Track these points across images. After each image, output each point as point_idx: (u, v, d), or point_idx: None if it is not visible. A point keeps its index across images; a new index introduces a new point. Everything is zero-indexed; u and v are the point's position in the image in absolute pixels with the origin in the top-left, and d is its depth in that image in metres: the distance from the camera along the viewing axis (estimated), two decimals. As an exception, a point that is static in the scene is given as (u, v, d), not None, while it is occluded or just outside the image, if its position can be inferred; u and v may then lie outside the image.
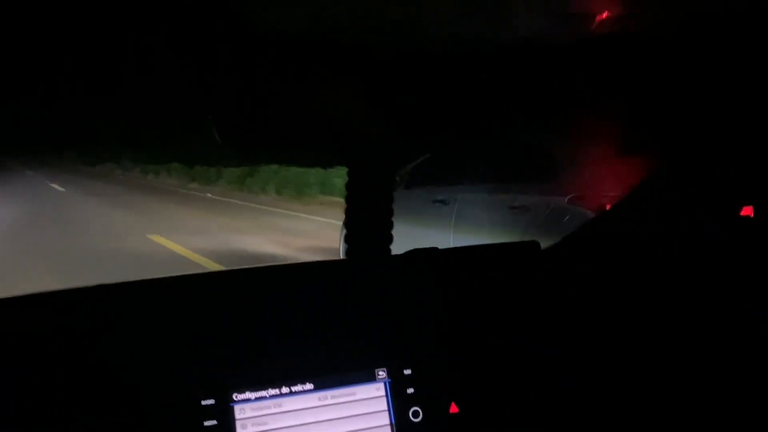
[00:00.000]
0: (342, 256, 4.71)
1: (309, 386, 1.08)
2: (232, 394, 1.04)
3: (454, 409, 1.13)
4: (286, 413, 1.05)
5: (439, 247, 1.35)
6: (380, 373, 1.12)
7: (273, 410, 1.05)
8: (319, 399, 1.08)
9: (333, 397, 1.08)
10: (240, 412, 1.03)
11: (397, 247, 1.29)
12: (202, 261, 7.01)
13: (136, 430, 0.98)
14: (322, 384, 1.08)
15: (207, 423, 1.01)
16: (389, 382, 1.11)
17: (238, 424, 1.02)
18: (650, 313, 1.22)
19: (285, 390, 1.06)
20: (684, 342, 1.18)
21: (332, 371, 1.09)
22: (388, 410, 1.10)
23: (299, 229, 9.48)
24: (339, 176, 11.19)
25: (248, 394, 1.05)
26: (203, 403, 1.02)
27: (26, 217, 11.18)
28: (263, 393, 1.05)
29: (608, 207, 3.37)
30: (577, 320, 1.24)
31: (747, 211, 1.09)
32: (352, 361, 1.11)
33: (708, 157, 1.21)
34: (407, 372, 1.12)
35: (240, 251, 7.68)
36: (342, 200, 1.14)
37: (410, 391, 1.11)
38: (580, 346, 1.22)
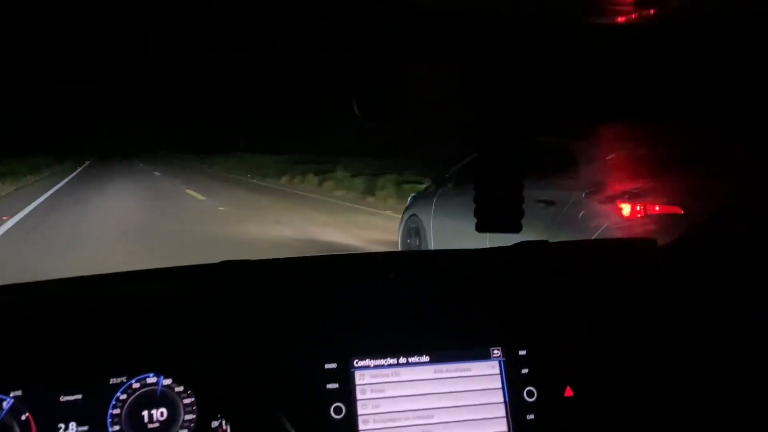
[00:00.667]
0: (400, 247, 4.86)
1: (425, 358, 1.11)
2: (353, 360, 1.09)
3: (569, 392, 1.12)
4: (402, 382, 1.09)
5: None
6: (495, 351, 1.13)
7: (391, 378, 1.09)
8: (435, 371, 1.11)
9: (448, 370, 1.11)
10: (360, 377, 1.08)
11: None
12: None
13: (268, 386, 1.05)
14: (437, 357, 1.11)
15: (329, 386, 1.07)
16: (504, 361, 1.12)
17: (357, 388, 1.07)
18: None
19: (402, 360, 1.10)
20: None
21: (448, 346, 1.12)
22: (503, 388, 1.11)
23: (371, 223, 10.37)
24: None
25: (368, 362, 1.09)
26: (326, 366, 1.07)
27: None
28: (382, 361, 1.10)
29: (619, 203, 3.25)
30: (689, 316, 1.21)
31: None
32: (467, 338, 1.13)
33: None
34: (522, 353, 1.13)
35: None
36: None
37: (525, 371, 1.12)
38: (690, 341, 1.19)
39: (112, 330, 1.07)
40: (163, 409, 1.04)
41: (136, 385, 1.04)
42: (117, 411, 1.02)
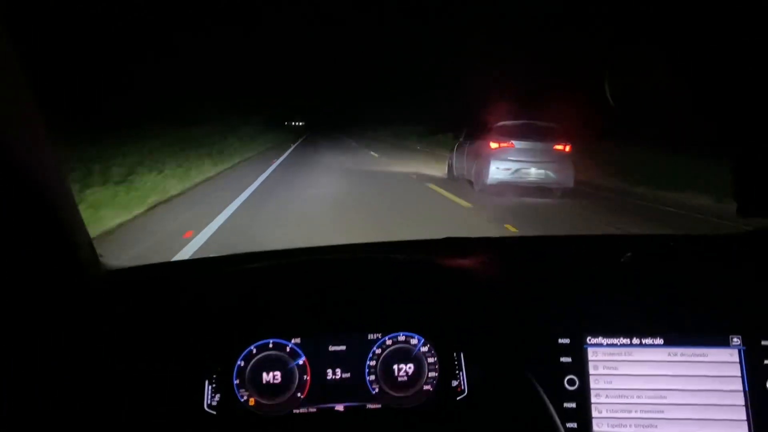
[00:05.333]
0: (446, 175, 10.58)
1: (659, 341, 1.13)
2: (586, 337, 1.14)
3: None
4: (635, 362, 1.12)
5: None
6: (734, 339, 1.11)
7: (623, 357, 1.13)
8: (669, 354, 1.12)
9: (683, 354, 1.12)
10: (593, 354, 1.13)
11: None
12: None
13: (506, 354, 1.14)
14: (671, 341, 1.12)
15: (563, 359, 1.13)
16: (744, 350, 1.11)
17: (590, 364, 1.13)
18: None
19: (635, 341, 1.13)
20: None
21: (683, 330, 1.12)
22: (742, 377, 1.10)
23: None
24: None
25: (601, 339, 1.14)
26: (560, 341, 1.13)
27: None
28: (614, 340, 1.13)
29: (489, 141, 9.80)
30: None
31: None
32: (704, 324, 1.13)
33: None
34: (765, 343, 1.10)
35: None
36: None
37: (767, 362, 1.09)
38: None
39: (369, 292, 1.22)
40: (411, 365, 1.17)
41: (388, 342, 1.18)
42: (373, 363, 1.17)
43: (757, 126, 0.98)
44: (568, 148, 9.72)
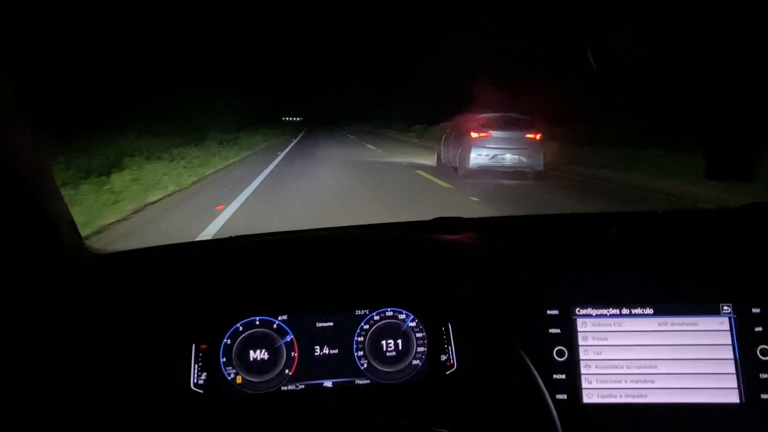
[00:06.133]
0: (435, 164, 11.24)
1: (649, 311, 1.11)
2: (575, 308, 1.13)
3: None
4: (625, 332, 1.11)
5: None
6: (725, 308, 1.10)
7: (613, 328, 1.12)
8: (659, 324, 1.11)
9: (673, 324, 1.11)
10: (582, 324, 1.12)
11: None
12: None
13: (495, 328, 1.13)
14: (662, 310, 1.11)
15: (552, 330, 1.12)
16: (734, 318, 1.10)
17: (579, 335, 1.12)
18: None
19: (625, 311, 1.12)
20: None
21: (673, 300, 1.11)
22: (733, 345, 1.09)
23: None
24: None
25: (590, 310, 1.13)
26: (549, 312, 1.12)
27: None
28: (604, 311, 1.12)
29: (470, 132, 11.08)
30: None
31: None
32: (694, 293, 1.12)
33: None
34: (756, 311, 1.09)
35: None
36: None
37: (758, 329, 1.08)
38: None
39: (356, 268, 1.20)
40: (400, 340, 1.16)
41: (376, 318, 1.17)
42: (361, 338, 1.16)
43: (731, 96, 0.98)
44: (538, 137, 11.08)
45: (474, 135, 10.93)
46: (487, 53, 22.93)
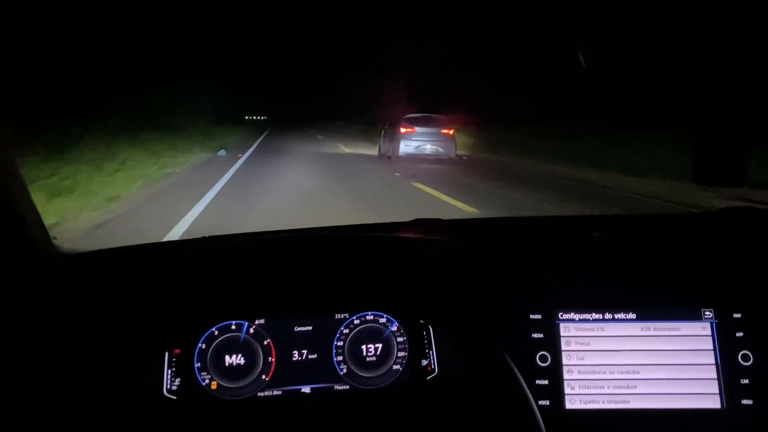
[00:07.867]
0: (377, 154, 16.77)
1: (631, 315, 1.11)
2: (558, 313, 1.11)
3: None
4: (608, 337, 1.10)
5: None
6: (707, 313, 1.10)
7: (596, 333, 1.11)
8: (642, 329, 1.10)
9: (655, 329, 1.10)
10: (564, 329, 1.11)
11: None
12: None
13: (476, 332, 1.11)
14: (644, 315, 1.10)
15: (535, 335, 1.10)
16: (716, 323, 1.09)
17: (562, 340, 1.10)
18: None
19: (608, 316, 1.11)
20: None
21: (655, 305, 1.11)
22: (714, 350, 1.08)
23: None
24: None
25: (573, 315, 1.11)
26: (531, 317, 1.11)
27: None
28: (587, 315, 1.11)
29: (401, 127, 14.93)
30: None
31: None
32: (676, 298, 1.11)
33: None
34: (737, 316, 1.09)
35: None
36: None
37: (739, 334, 1.08)
38: None
39: (335, 271, 1.17)
40: (380, 345, 1.14)
41: (356, 321, 1.14)
42: (340, 343, 1.13)
43: (717, 97, 0.97)
44: (452, 132, 14.80)
45: (403, 130, 14.50)
46: (432, 59, 26.92)
